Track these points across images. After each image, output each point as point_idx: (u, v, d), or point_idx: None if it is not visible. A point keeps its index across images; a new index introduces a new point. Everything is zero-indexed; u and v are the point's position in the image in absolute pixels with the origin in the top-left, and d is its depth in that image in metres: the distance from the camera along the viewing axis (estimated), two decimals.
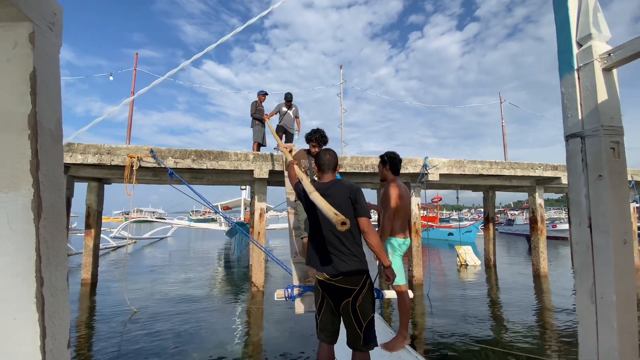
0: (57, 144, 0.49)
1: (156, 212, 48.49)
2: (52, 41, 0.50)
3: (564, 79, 1.17)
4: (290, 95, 7.24)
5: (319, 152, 2.31)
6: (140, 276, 8.33)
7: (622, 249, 0.98)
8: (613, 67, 1.10)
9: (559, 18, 1.22)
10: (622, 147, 1.05)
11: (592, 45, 1.12)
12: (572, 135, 1.10)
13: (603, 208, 0.99)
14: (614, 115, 1.06)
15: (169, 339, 4.10)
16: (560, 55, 1.19)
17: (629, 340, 0.98)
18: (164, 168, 5.54)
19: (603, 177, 1.00)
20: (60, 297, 0.45)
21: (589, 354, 1.00)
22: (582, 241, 1.03)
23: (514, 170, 7.71)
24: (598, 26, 1.14)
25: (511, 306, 5.81)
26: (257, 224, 6.56)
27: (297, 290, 3.57)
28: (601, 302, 0.98)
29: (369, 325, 1.95)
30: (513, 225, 26.39)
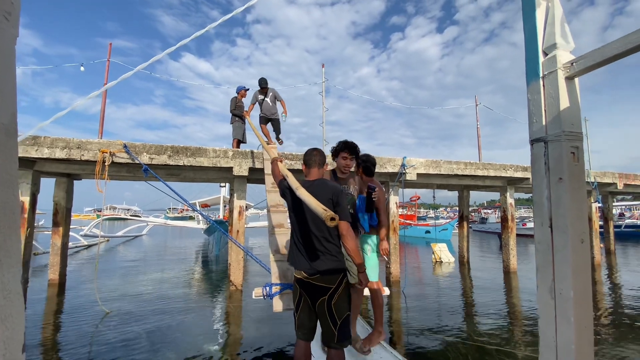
0: (11, 139, 0.47)
1: (131, 210, 46.84)
2: (8, 32, 0.48)
3: (530, 86, 1.22)
4: (264, 80, 6.73)
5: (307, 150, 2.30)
6: (113, 276, 8.03)
7: (580, 248, 1.04)
8: (575, 76, 1.16)
9: (527, 27, 1.27)
10: (581, 152, 1.11)
11: (557, 55, 1.18)
12: (536, 140, 1.16)
13: (562, 209, 1.05)
14: (575, 122, 1.12)
15: (144, 341, 3.98)
16: (528, 63, 1.24)
17: (584, 333, 1.04)
18: (139, 164, 5.36)
19: (563, 180, 1.06)
20: (13, 300, 0.43)
21: (548, 346, 1.06)
22: (544, 240, 1.09)
23: (487, 170, 8.00)
24: (563, 36, 1.20)
25: (482, 301, 6.04)
26: (236, 222, 6.47)
27: (276, 288, 3.57)
28: (560, 298, 1.04)
29: (343, 323, 1.99)
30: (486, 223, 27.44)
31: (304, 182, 2.17)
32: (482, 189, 10.04)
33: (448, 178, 8.25)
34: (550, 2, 1.29)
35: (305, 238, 2.08)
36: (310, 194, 2.03)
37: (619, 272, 8.80)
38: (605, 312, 5.36)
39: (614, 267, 9.53)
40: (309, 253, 2.05)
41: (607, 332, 4.40)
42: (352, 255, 2.00)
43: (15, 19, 0.47)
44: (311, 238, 2.05)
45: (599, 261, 9.64)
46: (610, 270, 8.99)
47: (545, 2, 1.28)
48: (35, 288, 6.51)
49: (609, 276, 8.31)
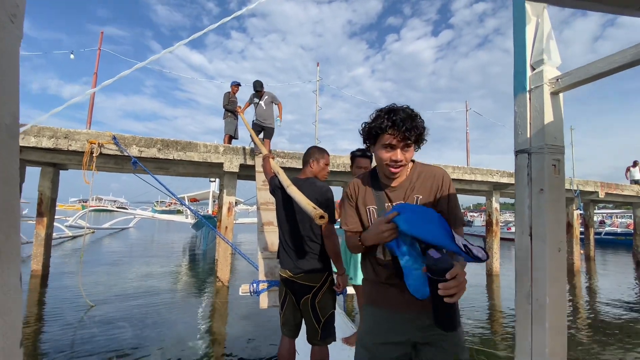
0: (13, 140, 0.48)
1: (117, 201, 46.02)
2: (13, 34, 0.49)
3: (517, 98, 1.27)
4: (259, 83, 6.16)
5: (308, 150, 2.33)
6: (98, 268, 7.91)
7: (557, 256, 1.09)
8: (560, 91, 1.21)
9: (517, 42, 1.32)
10: (562, 165, 1.16)
11: (543, 70, 1.23)
12: (520, 151, 1.21)
13: (542, 219, 1.10)
14: (557, 136, 1.17)
15: (128, 335, 3.95)
16: (516, 76, 1.29)
17: (558, 338, 1.09)
18: (128, 157, 5.29)
19: (544, 191, 1.11)
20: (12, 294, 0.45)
21: (523, 350, 1.11)
22: (523, 248, 1.14)
23: (474, 175, 8.16)
24: (549, 53, 1.25)
25: (464, 302, 6.18)
26: (224, 218, 6.45)
27: (263, 285, 3.59)
28: (536, 304, 1.09)
29: (327, 321, 2.03)
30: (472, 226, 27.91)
31: (294, 180, 2.20)
32: (469, 192, 10.22)
33: None
34: (540, 18, 1.34)
35: (291, 237, 2.11)
36: None
37: (597, 278, 9.09)
38: (582, 316, 5.55)
39: (593, 273, 9.84)
40: (294, 252, 2.09)
41: (583, 336, 4.56)
42: (332, 257, 2.02)
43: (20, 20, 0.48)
44: (296, 237, 2.09)
45: (578, 267, 9.94)
46: (589, 276, 9.28)
47: (536, 17, 1.33)
48: None
49: (587, 281, 8.59)
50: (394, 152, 1.19)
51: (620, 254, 14.62)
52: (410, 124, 1.15)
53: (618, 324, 5.07)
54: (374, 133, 1.20)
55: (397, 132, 1.15)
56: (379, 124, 1.17)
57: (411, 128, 1.16)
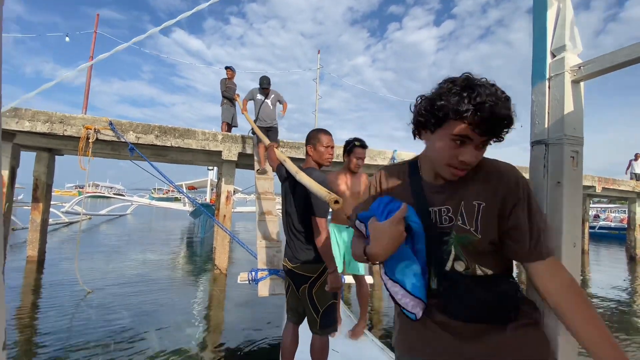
0: None
1: (114, 188, 45.82)
2: None
3: (535, 87, 1.21)
4: (267, 80, 5.47)
5: None
6: (95, 255, 7.89)
7: (572, 252, 1.06)
8: (582, 80, 1.15)
9: (537, 27, 1.25)
10: (580, 157, 1.12)
11: (565, 57, 1.16)
12: (537, 142, 1.16)
13: (559, 213, 1.06)
14: (577, 126, 1.12)
15: (125, 321, 3.95)
16: (535, 64, 1.23)
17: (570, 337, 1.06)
18: (124, 143, 5.19)
19: (561, 184, 1.07)
20: None
21: None
22: None
23: None
24: (573, 39, 1.19)
25: None
26: (223, 206, 6.41)
27: (262, 273, 3.58)
28: None
29: (326, 311, 2.01)
30: None
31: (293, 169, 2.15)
32: None
33: None
34: (562, 3, 1.27)
35: (291, 227, 2.11)
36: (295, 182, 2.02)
37: (590, 272, 9.21)
38: None
39: (586, 266, 9.96)
40: (293, 242, 2.10)
41: None
42: (321, 253, 1.94)
43: None
44: (295, 228, 2.08)
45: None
46: (582, 270, 9.39)
47: (557, 2, 1.26)
48: (13, 264, 6.32)
49: (580, 275, 8.68)
50: (466, 150, 0.81)
51: (613, 248, 14.80)
52: (503, 112, 0.78)
53: (610, 317, 5.14)
54: (441, 115, 0.81)
55: (481, 122, 0.77)
56: (456, 106, 0.77)
57: (502, 119, 0.79)
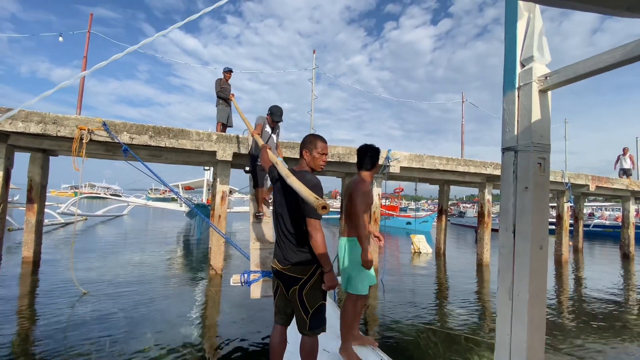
0: None
1: (110, 188, 45.65)
2: None
3: (506, 95, 1.26)
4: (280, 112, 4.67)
5: None
6: (91, 256, 7.89)
7: (538, 254, 1.11)
8: (548, 89, 1.21)
9: (508, 37, 1.30)
10: (547, 163, 1.17)
11: (533, 67, 1.22)
12: (507, 149, 1.21)
13: (526, 217, 1.11)
14: (544, 134, 1.18)
15: (121, 321, 3.98)
16: (505, 73, 1.28)
17: (537, 333, 1.12)
18: (118, 143, 5.21)
19: (529, 189, 1.12)
20: None
21: (503, 343, 1.14)
22: (507, 245, 1.15)
23: (468, 167, 8.20)
24: (541, 49, 1.24)
25: (454, 292, 6.30)
26: (218, 207, 6.44)
27: (254, 275, 3.61)
28: (517, 299, 1.11)
29: (316, 311, 2.05)
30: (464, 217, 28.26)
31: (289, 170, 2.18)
32: (462, 184, 10.30)
33: (430, 172, 8.42)
34: (531, 14, 1.32)
35: (282, 229, 2.11)
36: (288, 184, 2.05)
37: (584, 270, 9.31)
38: (568, 307, 5.70)
39: (581, 264, 10.06)
40: (284, 244, 2.10)
41: (567, 326, 4.69)
42: (316, 253, 1.97)
43: None
44: (286, 230, 2.09)
45: (566, 258, 10.15)
46: (577, 267, 9.50)
47: (528, 13, 1.31)
48: (9, 265, 6.33)
49: (574, 272, 8.79)
50: None
51: (607, 246, 14.95)
52: None
53: (603, 314, 5.22)
54: None
55: None
56: None
57: None
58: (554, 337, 4.17)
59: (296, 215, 2.06)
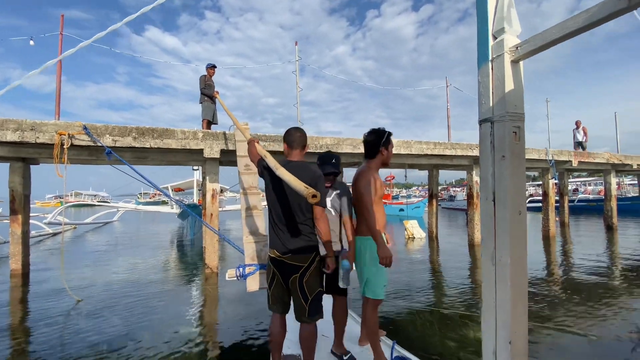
0: None
1: (98, 195, 44.77)
2: None
3: (480, 68, 1.29)
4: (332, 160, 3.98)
5: (290, 130, 2.30)
6: (83, 263, 7.77)
7: (517, 219, 1.15)
8: (520, 59, 1.23)
9: (479, 12, 1.32)
10: (522, 132, 1.20)
11: (504, 39, 1.24)
12: (484, 120, 1.24)
13: (504, 184, 1.15)
14: (518, 104, 1.21)
15: (119, 325, 3.96)
16: (479, 46, 1.30)
17: (519, 296, 1.17)
18: (101, 147, 5.11)
19: (505, 158, 1.15)
20: None
21: (489, 306, 1.18)
22: (487, 213, 1.19)
23: (455, 150, 8.32)
24: (510, 21, 1.26)
25: (448, 272, 6.45)
26: (209, 205, 6.40)
27: (249, 268, 3.62)
28: (499, 264, 1.15)
29: (314, 299, 2.08)
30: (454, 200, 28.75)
31: (282, 161, 2.19)
32: (451, 167, 10.45)
33: (419, 158, 8.51)
34: None
35: (281, 218, 2.12)
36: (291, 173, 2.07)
37: (570, 243, 9.61)
38: (555, 279, 5.89)
39: (567, 238, 10.38)
40: (283, 233, 2.11)
41: (554, 296, 4.86)
42: (322, 238, 2.05)
43: None
44: (286, 218, 2.10)
45: (554, 233, 10.44)
46: (564, 241, 9.80)
47: None
48: None
49: (561, 246, 9.07)
50: None
51: (592, 220, 15.42)
52: None
53: (587, 285, 5.42)
54: None
55: None
56: None
57: None
58: (542, 306, 4.32)
59: (295, 204, 2.08)
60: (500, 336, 1.16)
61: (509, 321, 1.13)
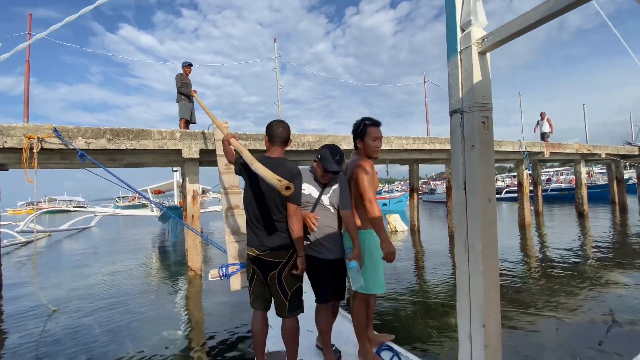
0: None
1: (74, 201, 42.98)
2: None
3: (450, 60, 1.32)
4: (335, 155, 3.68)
5: (271, 123, 2.24)
6: (59, 271, 7.47)
7: (487, 207, 1.19)
8: (486, 51, 1.27)
9: (447, 4, 1.35)
10: (490, 122, 1.24)
11: (472, 31, 1.27)
12: (454, 111, 1.27)
13: (474, 173, 1.18)
14: (485, 94, 1.24)
15: (100, 334, 3.82)
16: (448, 39, 1.33)
17: (491, 280, 1.21)
18: (74, 150, 4.91)
19: (475, 147, 1.19)
20: None
21: (463, 292, 1.22)
22: (459, 201, 1.22)
23: (433, 144, 8.50)
24: (476, 14, 1.30)
25: (429, 263, 6.60)
26: (190, 207, 6.27)
27: (232, 268, 3.58)
28: (472, 251, 1.19)
29: (294, 293, 2.09)
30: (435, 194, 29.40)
31: (260, 157, 2.16)
32: (430, 162, 10.67)
33: (399, 153, 8.63)
34: None
35: (257, 216, 2.11)
36: None
37: (545, 230, 10.03)
38: (530, 264, 6.14)
39: (542, 225, 10.82)
40: (260, 230, 2.10)
41: (530, 279, 5.07)
42: (294, 236, 2.03)
43: None
44: (263, 216, 2.09)
45: (529, 221, 10.86)
46: (538, 229, 10.21)
47: None
48: None
49: (537, 233, 9.45)
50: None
51: (564, 207, 16.14)
52: None
53: (562, 270, 5.67)
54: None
55: None
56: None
57: None
58: (518, 292, 4.50)
59: (271, 201, 2.06)
60: (474, 320, 1.20)
61: (482, 305, 1.17)
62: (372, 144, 2.31)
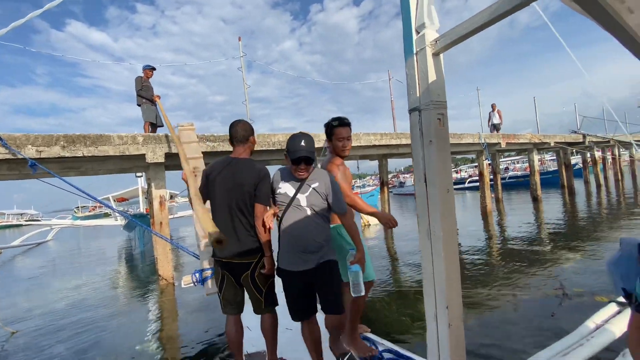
0: None
1: (25, 214, 39.65)
2: None
3: (407, 61, 1.40)
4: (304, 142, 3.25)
5: (232, 123, 2.21)
6: (14, 291, 6.91)
7: (446, 197, 1.28)
8: (439, 52, 1.36)
9: (403, 8, 1.43)
10: (445, 118, 1.34)
11: (425, 33, 1.36)
12: (412, 110, 1.36)
13: (432, 166, 1.27)
14: (440, 93, 1.34)
15: (64, 353, 3.61)
16: (405, 41, 1.42)
17: (452, 264, 1.31)
18: (23, 159, 4.56)
19: (432, 143, 1.28)
20: None
21: (427, 277, 1.31)
22: (421, 193, 1.31)
23: (400, 139, 8.80)
24: (430, 16, 1.39)
25: (401, 253, 6.86)
26: (157, 213, 6.05)
27: (206, 273, 3.53)
28: (434, 238, 1.28)
29: (268, 289, 2.12)
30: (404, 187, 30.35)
31: (226, 158, 2.14)
32: (397, 156, 11.02)
33: (368, 149, 8.84)
34: None
35: (224, 221, 2.08)
36: (234, 172, 2.07)
37: (504, 215, 10.72)
38: (492, 246, 6.56)
39: (502, 211, 11.55)
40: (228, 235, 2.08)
41: (491, 261, 5.42)
42: (261, 239, 2.05)
43: None
44: (229, 221, 2.07)
45: (490, 208, 11.55)
46: (499, 214, 10.89)
47: None
48: None
49: (497, 218, 10.08)
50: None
51: (521, 193, 17.30)
52: None
53: (519, 251, 6.12)
54: None
55: None
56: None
57: None
58: (480, 273, 4.80)
59: (238, 205, 2.06)
60: (439, 302, 1.29)
61: (444, 288, 1.27)
62: (338, 144, 2.34)
